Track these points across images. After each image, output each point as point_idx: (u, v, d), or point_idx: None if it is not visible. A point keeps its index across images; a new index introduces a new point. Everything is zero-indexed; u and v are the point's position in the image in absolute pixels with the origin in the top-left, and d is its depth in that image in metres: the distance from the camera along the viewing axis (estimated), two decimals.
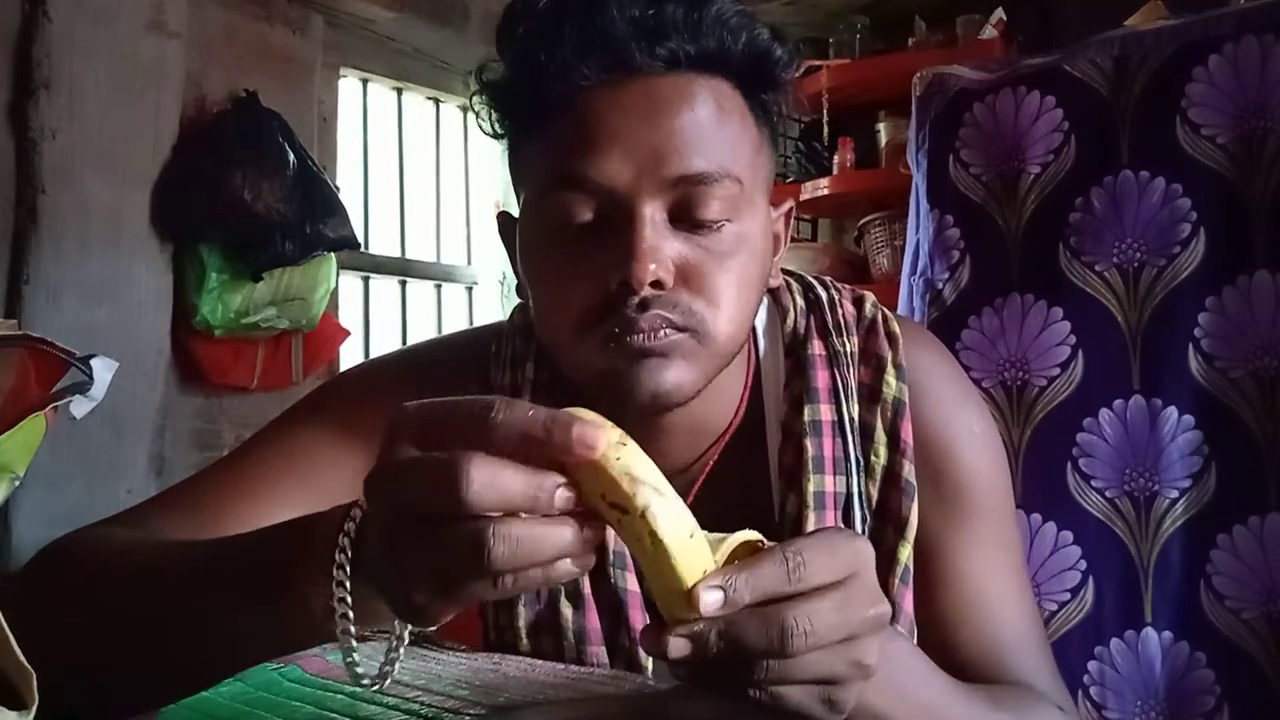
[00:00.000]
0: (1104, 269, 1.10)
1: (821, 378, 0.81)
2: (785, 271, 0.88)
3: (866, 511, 0.79)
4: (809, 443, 0.78)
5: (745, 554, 0.48)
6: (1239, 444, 1.03)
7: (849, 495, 0.78)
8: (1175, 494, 1.05)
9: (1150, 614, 1.05)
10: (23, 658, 0.56)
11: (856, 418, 0.80)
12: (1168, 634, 1.04)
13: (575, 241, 0.70)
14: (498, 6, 0.75)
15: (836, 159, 2.99)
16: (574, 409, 0.45)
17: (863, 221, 2.92)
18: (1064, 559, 1.08)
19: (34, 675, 0.56)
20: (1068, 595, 1.07)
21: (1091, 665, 1.07)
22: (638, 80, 0.68)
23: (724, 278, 0.70)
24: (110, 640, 0.61)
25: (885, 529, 0.79)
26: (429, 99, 3.61)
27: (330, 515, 0.53)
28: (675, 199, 0.68)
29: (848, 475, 0.79)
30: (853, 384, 0.81)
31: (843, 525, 0.78)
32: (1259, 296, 1.03)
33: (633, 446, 0.45)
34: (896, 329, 0.84)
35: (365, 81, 3.37)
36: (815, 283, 0.88)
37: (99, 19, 2.37)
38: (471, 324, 3.75)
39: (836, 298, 0.86)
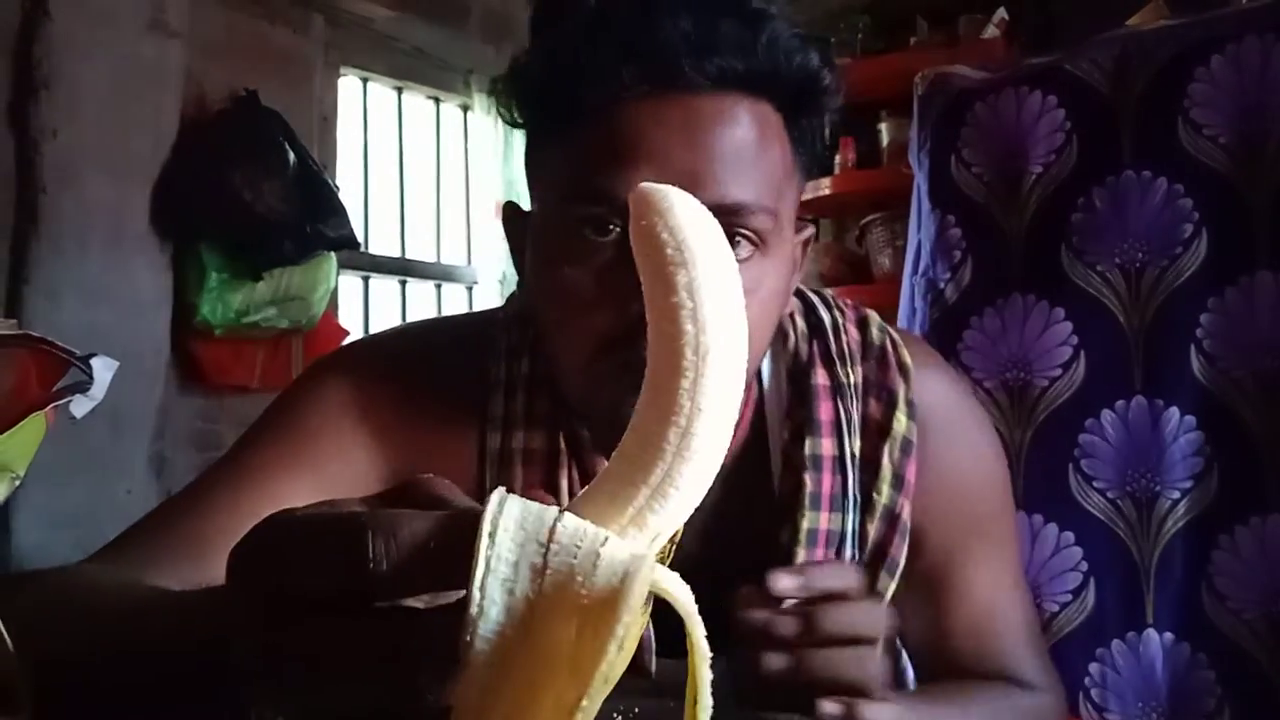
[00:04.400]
0: (1106, 269, 1.10)
1: (825, 409, 0.78)
2: None
3: (858, 551, 0.77)
4: (808, 478, 0.76)
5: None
6: (1241, 445, 1.03)
7: (843, 534, 0.77)
8: (1177, 495, 1.05)
9: (1152, 615, 1.05)
10: (19, 661, 0.56)
11: (859, 453, 0.78)
12: (1169, 635, 1.04)
13: (595, 258, 0.66)
14: (498, 5, 0.74)
15: (838, 158, 2.98)
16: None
17: (864, 221, 2.91)
18: (1065, 560, 1.08)
19: (30, 677, 0.56)
20: (1069, 596, 1.07)
21: (1093, 667, 1.07)
22: (680, 96, 0.64)
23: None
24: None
25: (876, 567, 0.77)
26: (429, 98, 3.60)
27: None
28: None
29: (844, 512, 0.77)
30: (856, 418, 0.78)
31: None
32: (1261, 297, 1.03)
33: None
34: (908, 358, 0.81)
35: (365, 81, 3.37)
36: (817, 301, 0.84)
37: (99, 19, 2.37)
38: None
39: (840, 321, 0.82)
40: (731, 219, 0.64)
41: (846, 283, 2.87)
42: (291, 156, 2.60)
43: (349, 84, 3.27)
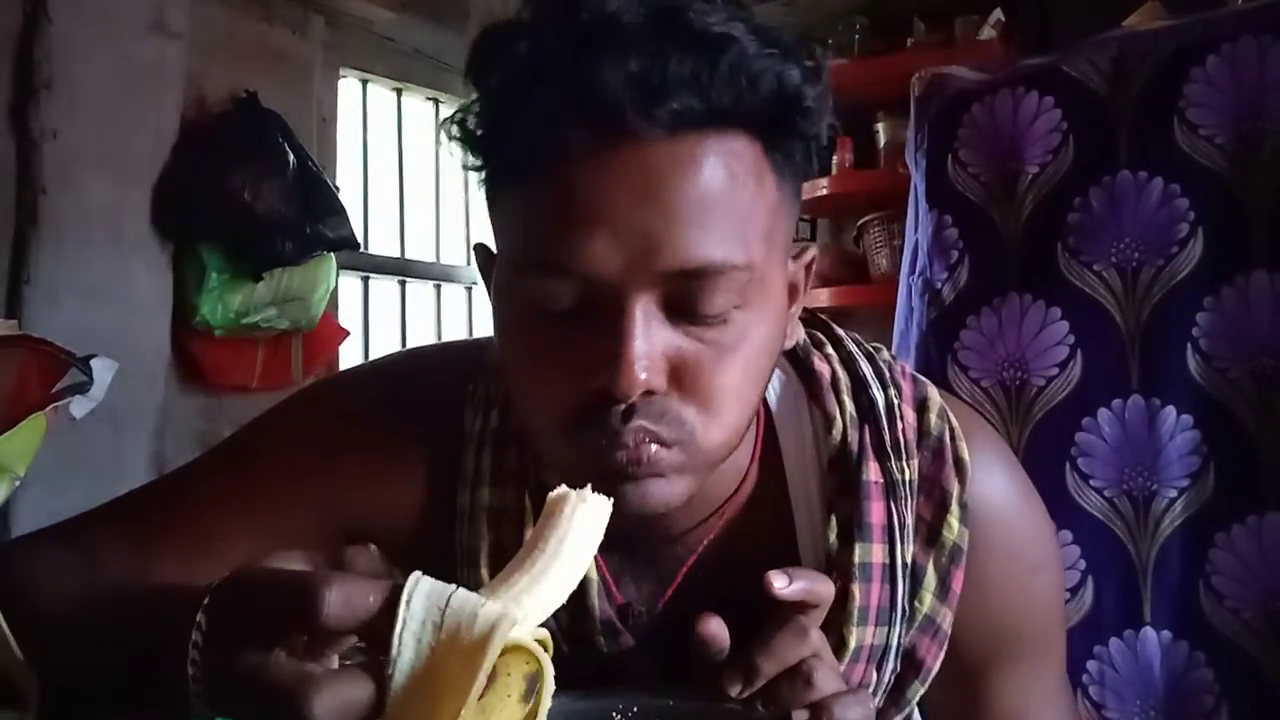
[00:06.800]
0: (1102, 269, 1.11)
1: (876, 511, 0.71)
2: (831, 340, 0.79)
3: (898, 662, 0.73)
4: (856, 589, 0.69)
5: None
6: (1237, 443, 1.03)
7: (886, 647, 0.72)
8: (1174, 493, 1.05)
9: (1149, 613, 1.05)
10: (23, 659, 0.56)
11: (910, 561, 0.71)
12: (1167, 633, 1.05)
13: (555, 328, 0.60)
14: (498, 7, 0.73)
15: (835, 159, 2.98)
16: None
17: (861, 221, 2.91)
18: (1063, 558, 1.08)
19: (35, 676, 0.56)
20: (1067, 595, 1.07)
21: (1091, 665, 1.07)
22: (632, 146, 0.56)
23: (723, 377, 0.61)
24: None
25: (907, 674, 0.74)
26: (428, 99, 3.60)
27: (187, 618, 0.50)
28: (672, 289, 0.58)
29: (890, 625, 0.71)
30: (909, 519, 0.72)
31: (874, 674, 0.72)
32: (1257, 296, 1.03)
33: None
34: (965, 453, 0.73)
35: (365, 82, 3.37)
36: (869, 374, 0.75)
37: (100, 20, 2.37)
38: (470, 324, 3.75)
39: (895, 402, 0.74)
40: (702, 283, 0.58)
41: (844, 282, 2.88)
42: (291, 157, 2.60)
43: (348, 85, 3.28)
